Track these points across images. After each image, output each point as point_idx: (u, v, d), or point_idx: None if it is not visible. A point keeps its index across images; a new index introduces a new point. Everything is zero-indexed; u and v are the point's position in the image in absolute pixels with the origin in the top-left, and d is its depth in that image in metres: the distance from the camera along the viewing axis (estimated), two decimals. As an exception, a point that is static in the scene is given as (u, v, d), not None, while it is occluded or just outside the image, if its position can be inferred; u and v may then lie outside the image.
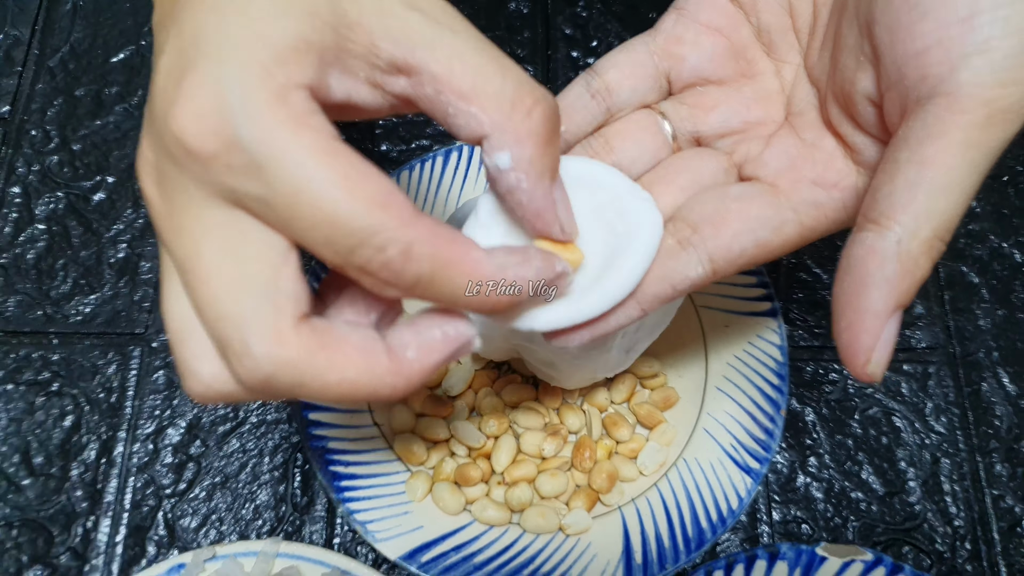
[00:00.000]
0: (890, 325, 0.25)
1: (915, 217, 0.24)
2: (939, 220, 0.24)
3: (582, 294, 0.29)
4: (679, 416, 0.48)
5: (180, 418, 0.50)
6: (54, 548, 0.47)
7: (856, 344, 0.25)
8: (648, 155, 0.33)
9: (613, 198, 0.30)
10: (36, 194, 0.57)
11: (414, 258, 0.23)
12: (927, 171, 0.24)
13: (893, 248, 0.25)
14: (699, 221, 0.29)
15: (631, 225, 0.29)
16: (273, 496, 0.49)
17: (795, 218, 0.30)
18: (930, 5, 0.24)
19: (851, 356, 0.26)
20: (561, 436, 0.46)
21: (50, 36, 0.62)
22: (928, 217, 0.24)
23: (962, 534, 0.48)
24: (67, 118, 0.59)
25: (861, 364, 0.26)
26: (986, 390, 0.51)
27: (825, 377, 0.51)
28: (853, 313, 0.25)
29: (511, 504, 0.45)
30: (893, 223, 0.25)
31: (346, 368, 0.24)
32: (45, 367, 0.52)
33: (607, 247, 0.30)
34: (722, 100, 0.33)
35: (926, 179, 0.24)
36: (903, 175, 0.25)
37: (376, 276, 0.23)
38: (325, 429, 0.45)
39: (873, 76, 0.27)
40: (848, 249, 0.26)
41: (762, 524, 0.48)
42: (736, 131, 0.33)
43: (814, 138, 0.31)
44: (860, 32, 0.28)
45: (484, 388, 0.48)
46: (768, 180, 0.31)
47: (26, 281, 0.54)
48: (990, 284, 0.54)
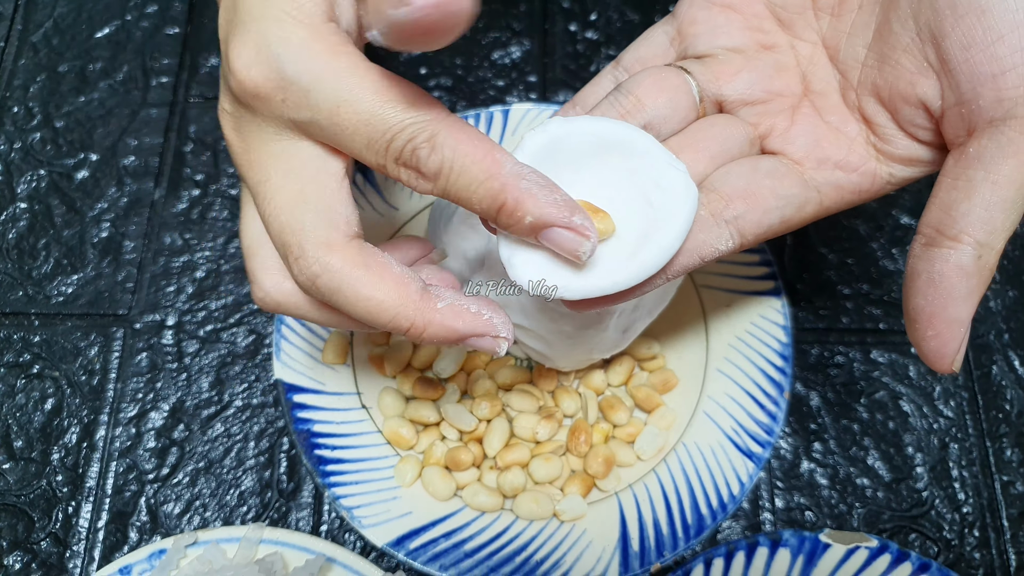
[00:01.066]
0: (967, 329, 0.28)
1: (991, 233, 0.27)
2: (1010, 233, 0.27)
3: (616, 266, 0.28)
4: (678, 399, 0.46)
5: (163, 402, 0.49)
6: (34, 533, 0.46)
7: (945, 349, 0.28)
8: (679, 115, 0.32)
9: (648, 166, 0.29)
10: (18, 172, 0.55)
11: (438, 146, 0.26)
12: (1002, 191, 0.26)
13: (974, 264, 0.27)
14: (732, 195, 0.30)
15: (667, 197, 0.29)
16: (258, 482, 0.47)
17: (817, 198, 0.31)
18: (1005, 27, 0.26)
19: (939, 360, 0.29)
20: (556, 419, 0.45)
21: (33, 11, 0.61)
22: (1003, 232, 0.27)
23: (970, 521, 0.46)
24: (50, 95, 0.58)
25: (948, 365, 0.29)
26: (996, 373, 0.49)
27: (831, 360, 0.50)
28: (941, 324, 0.28)
29: (504, 489, 0.43)
30: (973, 240, 0.27)
31: (379, 287, 0.28)
32: (26, 349, 0.50)
33: (643, 218, 0.29)
34: (744, 67, 0.33)
35: (1002, 198, 0.27)
36: (979, 194, 0.27)
37: (408, 166, 0.27)
38: (310, 412, 0.43)
39: (938, 86, 0.28)
40: (928, 264, 0.28)
41: (765, 511, 0.46)
42: (759, 100, 0.33)
43: (838, 122, 0.32)
44: (920, 37, 0.28)
45: (476, 370, 0.47)
46: (794, 158, 0.32)
47: (7, 261, 0.53)
48: (1001, 265, 0.52)
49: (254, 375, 0.50)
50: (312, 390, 0.44)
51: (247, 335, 0.51)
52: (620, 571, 0.41)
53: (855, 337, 0.50)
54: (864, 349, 0.50)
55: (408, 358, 0.46)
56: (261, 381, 0.49)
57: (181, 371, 0.50)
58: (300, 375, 0.44)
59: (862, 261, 0.52)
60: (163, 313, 0.51)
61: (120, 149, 0.56)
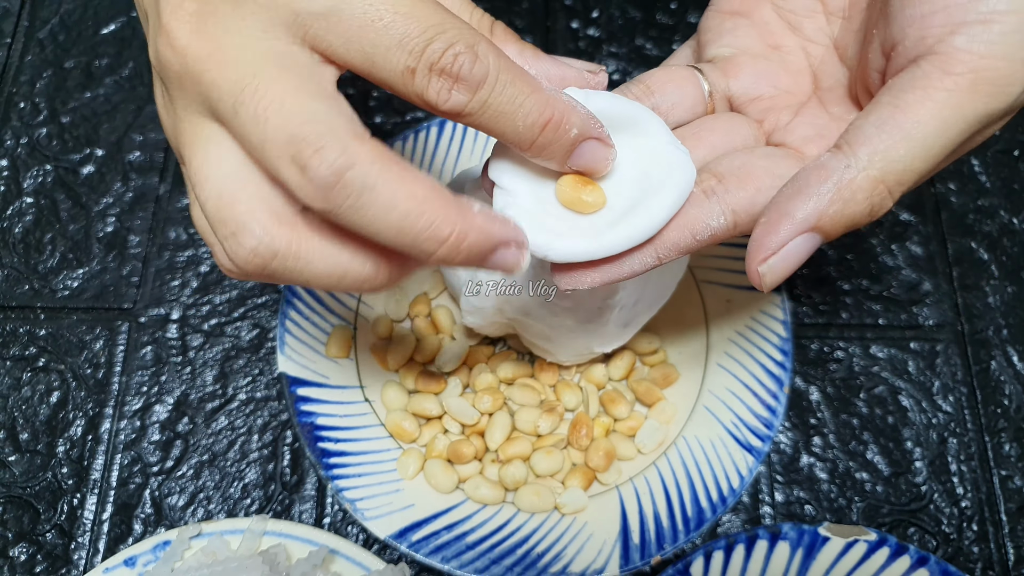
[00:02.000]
0: (800, 241, 0.26)
1: (870, 153, 0.25)
2: (892, 165, 0.25)
3: (602, 230, 0.28)
4: (679, 393, 0.46)
5: (167, 395, 0.49)
6: (40, 525, 0.46)
7: (763, 240, 0.26)
8: (687, 102, 0.33)
9: (652, 144, 0.30)
10: (24, 167, 0.56)
11: (482, 55, 0.24)
12: (898, 115, 0.25)
13: (839, 171, 0.25)
14: (725, 173, 0.29)
15: (664, 172, 0.29)
16: (262, 475, 0.47)
17: None
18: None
19: (754, 251, 0.27)
20: (557, 413, 0.45)
21: (40, 8, 0.61)
22: (883, 157, 0.25)
23: (969, 515, 0.46)
24: (56, 90, 0.58)
25: (758, 262, 0.26)
26: (995, 368, 0.50)
27: (830, 355, 0.50)
28: (775, 213, 0.26)
29: (505, 482, 0.44)
30: (850, 152, 0.26)
31: (416, 187, 0.23)
32: (32, 342, 0.51)
33: (638, 190, 0.29)
34: (750, 64, 0.33)
35: (894, 122, 0.25)
36: (876, 114, 0.26)
37: (447, 73, 0.24)
38: (314, 405, 0.44)
39: (880, 46, 0.28)
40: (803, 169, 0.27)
41: (764, 505, 0.47)
42: (766, 96, 0.33)
43: (841, 112, 0.31)
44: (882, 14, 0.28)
45: (479, 364, 0.47)
46: (795, 146, 0.31)
47: (13, 255, 0.53)
48: (1000, 260, 0.52)
49: (258, 369, 0.50)
50: (316, 383, 0.44)
51: (251, 329, 0.51)
52: (621, 564, 0.41)
53: (854, 332, 0.51)
54: (863, 344, 0.50)
55: (410, 352, 0.47)
56: (265, 375, 0.50)
57: (185, 365, 0.50)
58: (304, 368, 0.44)
59: (861, 256, 0.52)
60: (168, 307, 0.52)
61: (125, 144, 0.56)
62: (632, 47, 0.59)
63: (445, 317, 0.48)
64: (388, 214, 0.23)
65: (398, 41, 0.23)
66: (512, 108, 0.25)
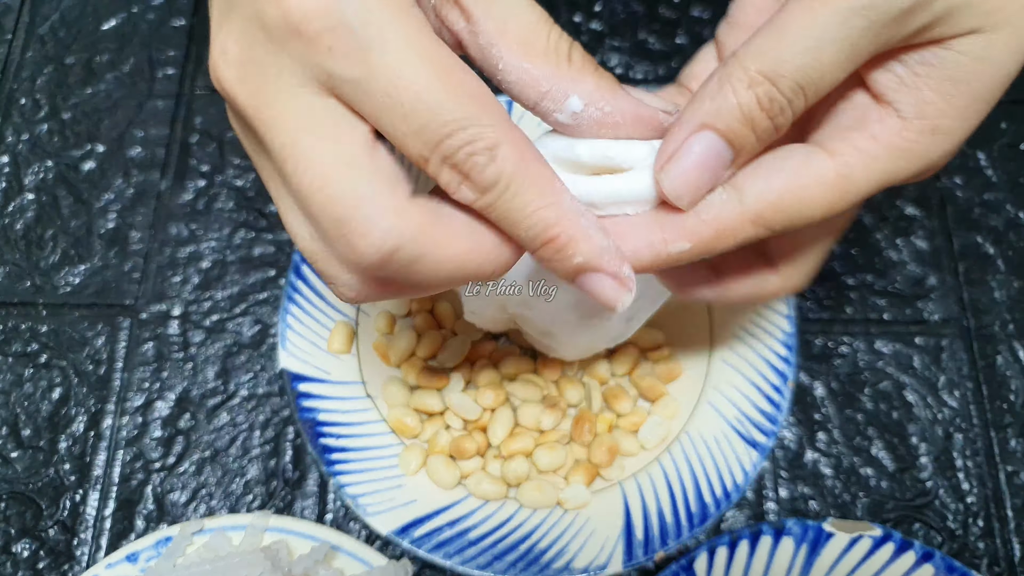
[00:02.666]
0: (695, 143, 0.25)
1: (746, 50, 0.25)
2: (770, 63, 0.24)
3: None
4: (683, 389, 0.46)
5: (169, 391, 0.49)
6: (42, 521, 0.46)
7: (663, 148, 0.26)
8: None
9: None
10: (25, 163, 0.56)
11: (499, 158, 0.23)
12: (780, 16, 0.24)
13: (720, 71, 0.25)
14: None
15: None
16: (264, 471, 0.47)
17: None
18: None
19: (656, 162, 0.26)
20: (560, 409, 0.45)
21: (40, 4, 0.61)
22: (756, 51, 0.24)
23: (975, 511, 0.46)
24: (57, 86, 0.58)
25: (659, 167, 0.26)
26: (1001, 364, 0.49)
27: (835, 351, 0.50)
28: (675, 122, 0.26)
29: (508, 478, 0.43)
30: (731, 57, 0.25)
31: (460, 240, 0.24)
32: (33, 338, 0.51)
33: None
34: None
35: (768, 25, 0.25)
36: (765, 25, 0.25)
37: (459, 169, 0.23)
38: (316, 400, 0.43)
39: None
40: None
41: (769, 501, 0.46)
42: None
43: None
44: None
45: (481, 360, 0.47)
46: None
47: (15, 251, 0.53)
48: (1006, 255, 0.52)
49: (259, 364, 0.50)
50: (317, 379, 0.44)
51: (252, 325, 0.51)
52: (624, 560, 0.41)
53: (859, 327, 0.50)
54: (868, 339, 0.50)
55: (412, 347, 0.47)
56: (267, 371, 0.50)
57: (187, 361, 0.50)
58: (305, 364, 0.44)
59: (866, 251, 0.52)
60: (169, 303, 0.51)
61: (127, 140, 0.56)
62: (635, 41, 0.58)
63: (447, 313, 0.48)
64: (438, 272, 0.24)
65: (416, 131, 0.23)
66: (518, 218, 0.24)
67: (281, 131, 0.24)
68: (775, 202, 0.26)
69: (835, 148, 0.26)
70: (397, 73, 0.22)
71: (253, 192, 0.54)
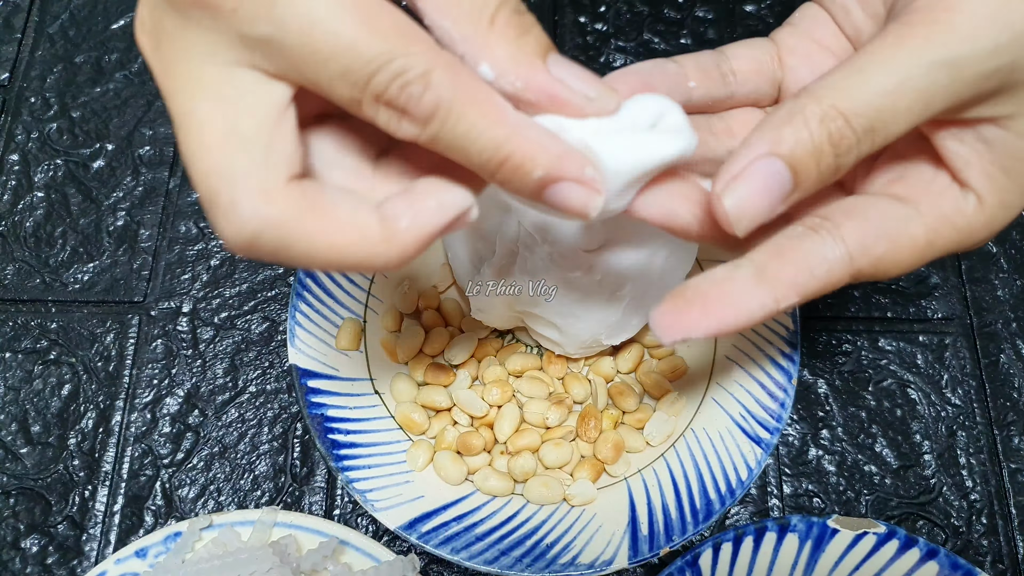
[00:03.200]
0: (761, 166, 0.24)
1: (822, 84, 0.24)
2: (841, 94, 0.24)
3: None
4: (687, 386, 0.46)
5: (178, 387, 0.50)
6: (51, 517, 0.47)
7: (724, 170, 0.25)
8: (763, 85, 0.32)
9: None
10: (35, 161, 0.56)
11: (433, 85, 0.22)
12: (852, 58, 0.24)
13: (792, 103, 0.25)
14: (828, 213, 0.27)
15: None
16: (272, 467, 0.48)
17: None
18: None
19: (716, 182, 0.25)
20: (566, 405, 0.45)
21: (50, 3, 0.61)
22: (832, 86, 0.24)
23: (978, 508, 0.46)
24: (67, 85, 0.58)
25: (721, 186, 0.25)
26: (1004, 362, 0.50)
27: (838, 348, 0.50)
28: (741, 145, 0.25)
29: (514, 474, 0.44)
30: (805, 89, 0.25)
31: (335, 234, 0.23)
32: (43, 335, 0.51)
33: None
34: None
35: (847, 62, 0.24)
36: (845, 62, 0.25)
37: (393, 104, 0.22)
38: (324, 396, 0.44)
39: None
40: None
41: (773, 498, 0.47)
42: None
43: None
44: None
45: (487, 357, 0.47)
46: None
47: (24, 249, 0.53)
48: (1008, 253, 0.52)
49: (268, 361, 0.50)
50: (326, 375, 0.45)
51: (261, 322, 0.51)
52: (629, 555, 0.41)
53: (862, 325, 0.51)
54: (871, 337, 0.50)
55: (420, 344, 0.47)
56: (275, 367, 0.50)
57: (196, 357, 0.50)
58: (314, 360, 0.45)
59: (871, 250, 0.52)
60: (178, 300, 0.52)
61: (136, 139, 0.57)
62: (640, 41, 0.59)
63: (454, 310, 0.48)
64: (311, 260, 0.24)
65: (340, 74, 0.22)
66: (466, 144, 0.23)
67: (181, 99, 0.23)
68: (875, 262, 0.26)
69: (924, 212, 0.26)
70: (308, 19, 0.21)
71: (261, 190, 0.55)
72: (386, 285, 0.49)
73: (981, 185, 0.25)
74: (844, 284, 0.26)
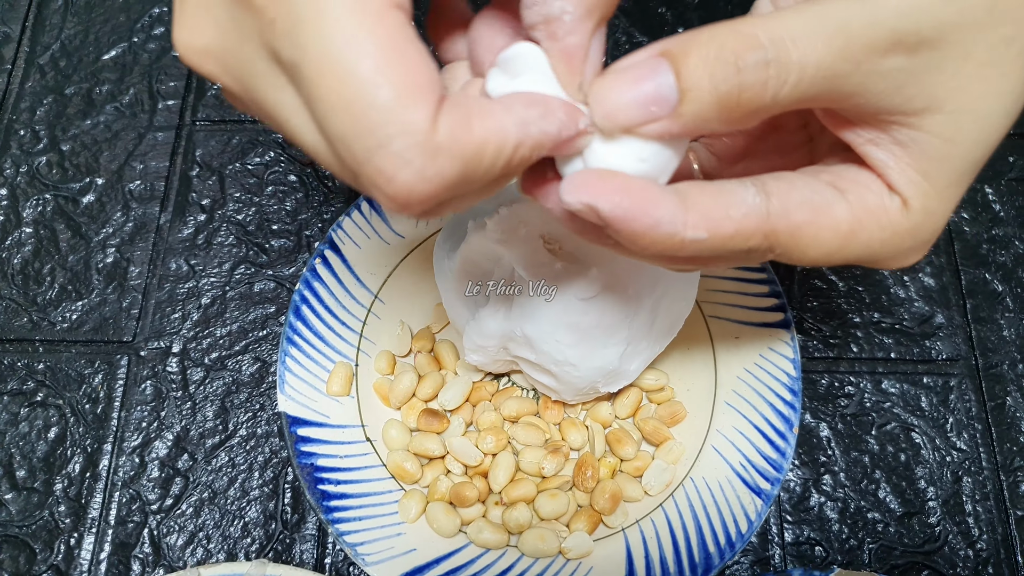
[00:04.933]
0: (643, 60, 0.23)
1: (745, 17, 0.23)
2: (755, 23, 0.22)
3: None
4: (687, 432, 0.45)
5: (167, 430, 0.49)
6: (36, 565, 0.46)
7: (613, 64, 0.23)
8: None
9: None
10: (24, 196, 0.55)
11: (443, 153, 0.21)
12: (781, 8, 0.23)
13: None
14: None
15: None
16: (263, 513, 0.47)
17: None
18: None
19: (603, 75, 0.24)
20: (562, 453, 0.44)
21: (40, 33, 0.61)
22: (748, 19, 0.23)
23: (984, 557, 0.45)
24: (57, 117, 0.58)
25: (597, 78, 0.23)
26: (1011, 404, 0.49)
27: (841, 390, 0.49)
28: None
29: (509, 526, 0.43)
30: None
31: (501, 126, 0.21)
32: (30, 376, 0.50)
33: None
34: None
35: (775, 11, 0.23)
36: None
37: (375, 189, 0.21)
38: (314, 445, 0.43)
39: None
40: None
41: (774, 546, 0.46)
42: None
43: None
44: None
45: (482, 402, 0.46)
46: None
47: (11, 286, 0.53)
48: (1014, 292, 0.51)
49: (259, 403, 0.49)
50: (316, 423, 0.44)
51: (252, 363, 0.50)
52: (627, 609, 0.40)
53: (865, 366, 0.50)
54: (875, 379, 0.49)
55: (413, 388, 0.46)
56: (266, 409, 0.49)
57: (186, 399, 0.49)
58: (304, 408, 0.44)
59: (872, 288, 0.51)
60: (168, 340, 0.51)
61: (126, 173, 0.56)
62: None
63: (448, 352, 0.47)
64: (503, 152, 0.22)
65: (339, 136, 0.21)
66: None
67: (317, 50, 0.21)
68: (793, 229, 0.24)
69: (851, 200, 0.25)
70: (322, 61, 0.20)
71: (254, 226, 0.54)
72: (379, 326, 0.48)
73: (904, 188, 0.24)
74: (758, 248, 0.24)
